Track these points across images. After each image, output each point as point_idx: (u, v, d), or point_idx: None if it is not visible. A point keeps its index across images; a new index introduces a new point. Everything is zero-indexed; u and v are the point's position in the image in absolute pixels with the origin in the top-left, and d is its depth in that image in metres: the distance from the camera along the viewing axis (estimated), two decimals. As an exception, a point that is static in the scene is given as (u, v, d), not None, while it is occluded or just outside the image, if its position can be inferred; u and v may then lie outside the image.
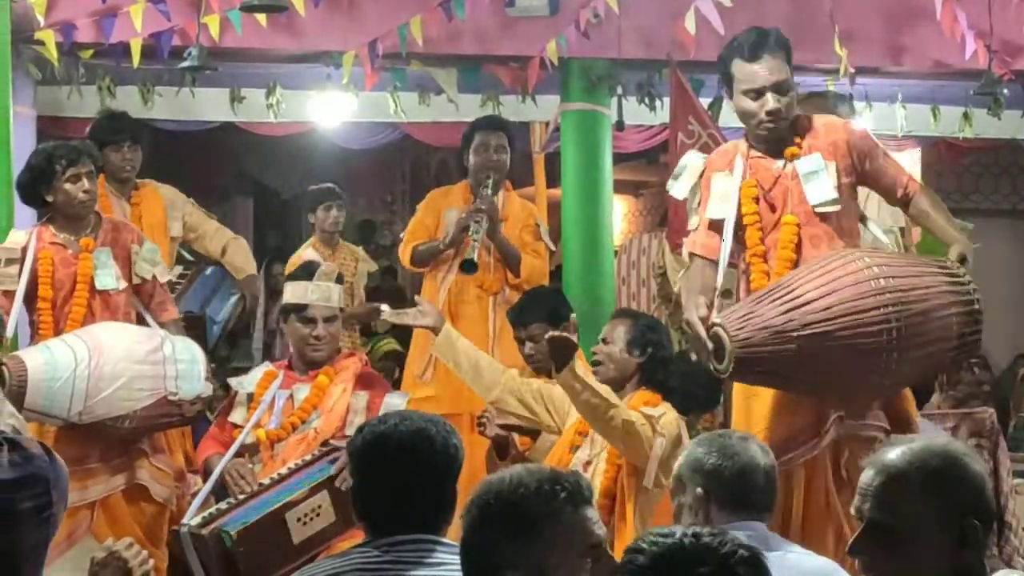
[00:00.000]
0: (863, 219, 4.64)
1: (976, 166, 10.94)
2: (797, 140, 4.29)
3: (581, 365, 4.38)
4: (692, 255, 4.40)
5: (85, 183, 5.16)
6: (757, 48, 4.23)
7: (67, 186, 5.15)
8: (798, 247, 4.23)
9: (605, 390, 4.36)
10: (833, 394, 4.13)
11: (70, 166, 5.14)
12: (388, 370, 7.91)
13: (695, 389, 4.87)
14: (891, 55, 7.64)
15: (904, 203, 4.36)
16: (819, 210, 4.21)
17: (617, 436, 4.37)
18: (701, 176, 4.42)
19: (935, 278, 4.05)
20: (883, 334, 3.89)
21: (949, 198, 10.56)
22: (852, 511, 2.48)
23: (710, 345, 3.94)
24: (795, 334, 3.87)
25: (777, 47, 4.25)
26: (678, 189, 4.51)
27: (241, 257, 6.53)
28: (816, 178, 4.22)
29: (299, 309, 5.00)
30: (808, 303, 3.90)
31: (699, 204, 4.43)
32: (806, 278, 3.98)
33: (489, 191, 6.08)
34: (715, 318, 3.98)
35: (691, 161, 4.52)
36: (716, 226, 4.33)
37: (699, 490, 3.33)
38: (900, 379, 4.14)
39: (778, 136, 4.29)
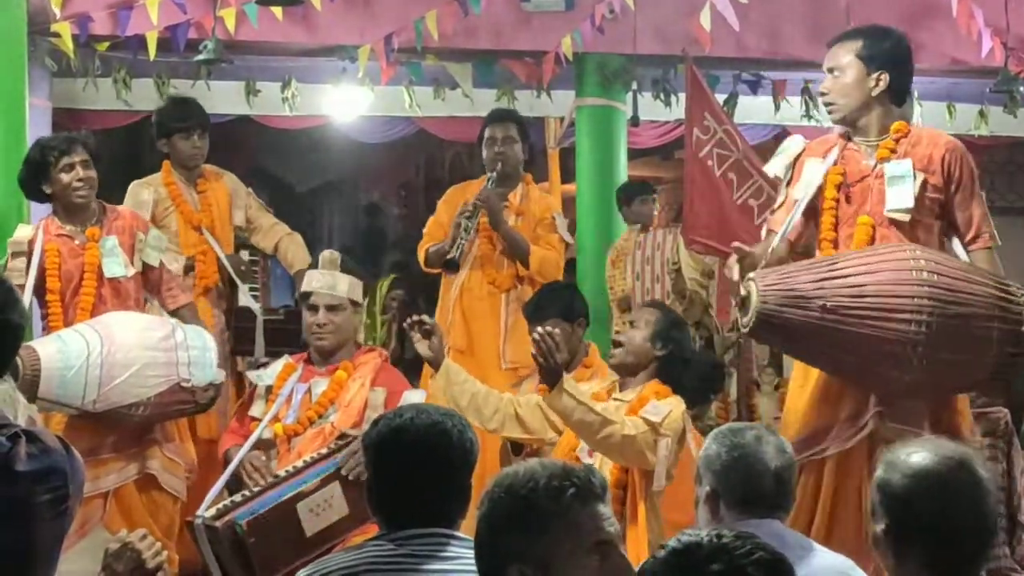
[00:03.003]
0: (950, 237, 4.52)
1: (992, 164, 10.89)
2: (891, 143, 4.24)
3: (572, 381, 4.35)
4: (769, 231, 4.41)
5: (79, 171, 5.23)
6: (834, 40, 4.34)
7: (62, 176, 5.23)
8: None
9: (601, 407, 4.35)
10: (847, 374, 4.12)
11: (63, 156, 5.22)
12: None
13: (694, 381, 4.85)
14: (907, 52, 7.62)
15: (964, 249, 4.31)
16: (889, 215, 4.17)
17: (615, 451, 4.34)
18: (797, 158, 4.43)
19: (985, 288, 3.98)
20: (911, 324, 3.88)
21: (964, 196, 10.54)
22: None
23: (736, 276, 3.98)
24: (819, 303, 3.90)
25: (846, 37, 4.32)
26: (773, 166, 4.58)
27: (294, 252, 6.37)
28: (900, 183, 4.17)
29: (305, 297, 5.02)
30: (842, 278, 3.92)
31: (789, 183, 4.45)
32: (852, 257, 4.02)
33: (491, 185, 6.08)
34: (752, 272, 4.02)
35: (792, 144, 4.58)
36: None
37: (708, 488, 3.33)
38: (924, 380, 4.03)
39: (855, 123, 4.27)
